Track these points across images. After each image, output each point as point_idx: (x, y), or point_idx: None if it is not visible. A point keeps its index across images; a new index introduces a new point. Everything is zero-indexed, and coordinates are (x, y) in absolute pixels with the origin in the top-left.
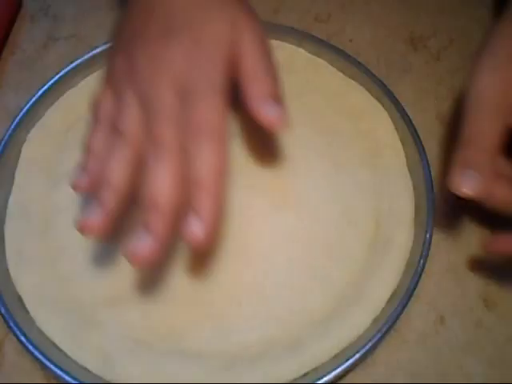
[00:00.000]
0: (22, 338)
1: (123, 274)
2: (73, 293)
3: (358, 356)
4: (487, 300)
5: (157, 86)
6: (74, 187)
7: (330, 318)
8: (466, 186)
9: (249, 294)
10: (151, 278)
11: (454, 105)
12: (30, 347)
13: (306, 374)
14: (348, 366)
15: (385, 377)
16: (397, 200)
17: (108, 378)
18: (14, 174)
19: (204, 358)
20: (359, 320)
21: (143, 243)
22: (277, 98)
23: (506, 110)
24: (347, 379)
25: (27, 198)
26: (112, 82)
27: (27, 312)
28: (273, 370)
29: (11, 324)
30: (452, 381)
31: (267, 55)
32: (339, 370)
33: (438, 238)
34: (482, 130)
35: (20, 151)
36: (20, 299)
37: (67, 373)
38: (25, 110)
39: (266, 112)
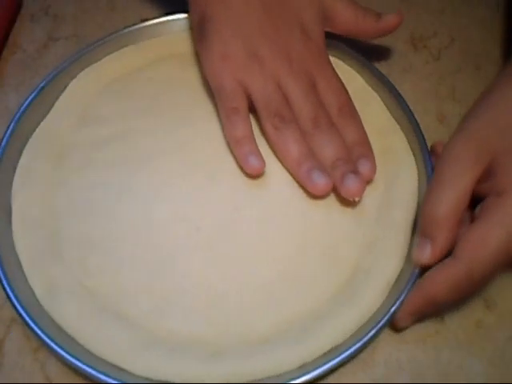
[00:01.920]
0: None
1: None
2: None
3: (353, 350)
4: (487, 300)
5: (290, 73)
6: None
7: (325, 313)
8: (422, 257)
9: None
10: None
11: (454, 105)
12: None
13: (301, 367)
14: (345, 358)
15: (385, 377)
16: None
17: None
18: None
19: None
20: (356, 315)
21: (356, 183)
22: (379, 15)
23: (473, 176)
24: (347, 379)
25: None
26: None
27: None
28: (269, 361)
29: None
30: (452, 381)
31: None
32: (334, 362)
33: None
34: (441, 201)
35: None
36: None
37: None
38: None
39: (386, 22)
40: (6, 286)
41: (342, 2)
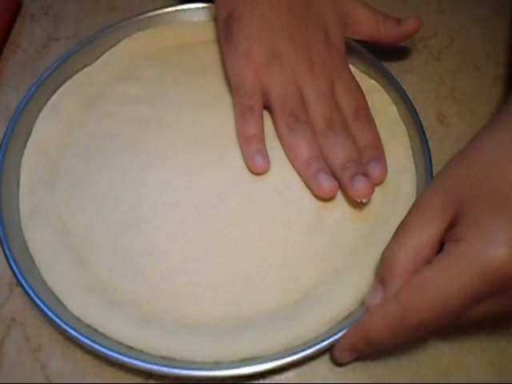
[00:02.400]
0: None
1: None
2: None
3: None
4: None
5: (310, 74)
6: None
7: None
8: (373, 302)
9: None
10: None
11: (454, 105)
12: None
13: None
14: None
15: (385, 377)
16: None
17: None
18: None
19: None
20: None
21: (365, 185)
22: (399, 21)
23: (439, 225)
24: (347, 379)
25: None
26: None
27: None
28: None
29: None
30: (452, 381)
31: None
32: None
33: None
34: (400, 248)
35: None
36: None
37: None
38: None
39: (406, 27)
40: None
41: (364, 9)
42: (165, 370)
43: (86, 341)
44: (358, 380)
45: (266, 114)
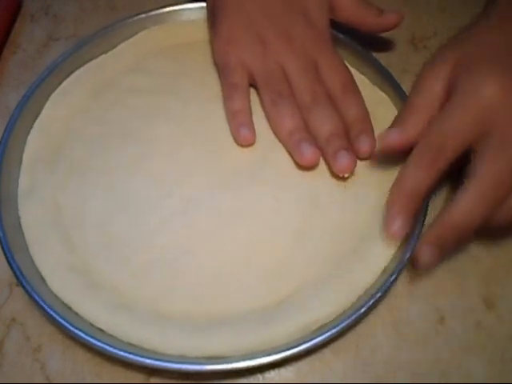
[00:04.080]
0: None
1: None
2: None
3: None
4: (487, 300)
5: (295, 56)
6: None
7: (319, 286)
8: (395, 229)
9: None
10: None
11: None
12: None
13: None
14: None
15: (385, 377)
16: None
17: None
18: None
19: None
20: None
21: (347, 160)
22: (382, 11)
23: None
24: (347, 379)
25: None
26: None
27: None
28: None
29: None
30: (452, 381)
31: None
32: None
33: None
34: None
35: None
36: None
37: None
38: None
39: (387, 19)
40: None
41: None
42: (131, 357)
43: (56, 317)
44: (358, 380)
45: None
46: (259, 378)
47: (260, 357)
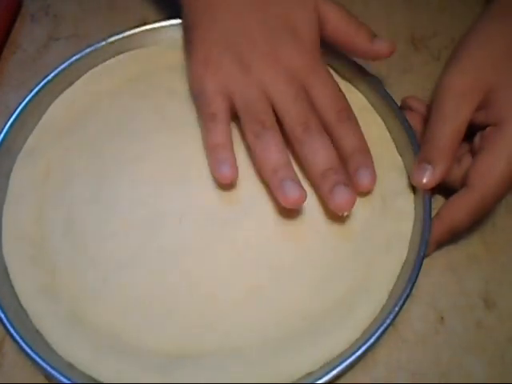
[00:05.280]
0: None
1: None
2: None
3: (357, 355)
4: (487, 300)
5: (277, 79)
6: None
7: (325, 320)
8: (423, 178)
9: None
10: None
11: None
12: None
13: (309, 374)
14: (347, 366)
15: (385, 377)
16: (396, 198)
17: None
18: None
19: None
20: (357, 322)
21: (346, 196)
22: (375, 36)
23: (470, 108)
24: (347, 379)
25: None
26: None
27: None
28: (270, 369)
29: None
30: (452, 381)
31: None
32: (338, 369)
33: None
34: (440, 131)
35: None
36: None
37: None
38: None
39: (378, 45)
40: None
41: (337, 11)
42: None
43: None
44: (358, 380)
45: None
46: None
47: None
